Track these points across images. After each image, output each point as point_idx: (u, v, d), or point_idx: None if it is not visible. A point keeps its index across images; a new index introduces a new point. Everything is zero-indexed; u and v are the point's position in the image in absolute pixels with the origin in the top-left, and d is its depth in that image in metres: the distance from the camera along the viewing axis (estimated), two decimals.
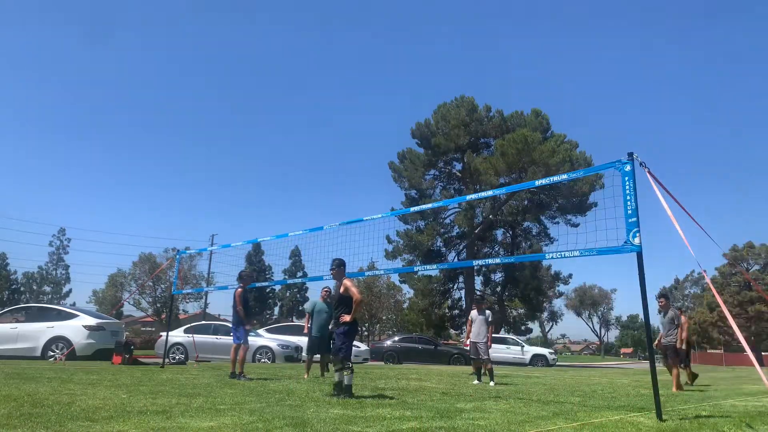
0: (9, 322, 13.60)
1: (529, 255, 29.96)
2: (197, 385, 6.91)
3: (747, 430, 4.24)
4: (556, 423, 4.35)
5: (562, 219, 31.83)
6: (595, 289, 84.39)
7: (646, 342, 5.18)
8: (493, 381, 8.91)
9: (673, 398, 7.22)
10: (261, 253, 49.82)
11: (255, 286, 11.55)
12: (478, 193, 17.14)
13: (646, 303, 4.69)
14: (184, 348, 15.38)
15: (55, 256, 48.50)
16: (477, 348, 9.23)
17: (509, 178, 29.21)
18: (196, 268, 47.52)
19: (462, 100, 32.70)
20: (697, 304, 60.15)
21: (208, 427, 3.70)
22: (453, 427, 3.95)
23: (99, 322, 13.56)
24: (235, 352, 8.67)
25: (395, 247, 32.06)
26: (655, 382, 4.69)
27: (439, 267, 31.33)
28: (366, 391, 6.82)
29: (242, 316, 8.72)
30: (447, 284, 34.84)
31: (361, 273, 11.54)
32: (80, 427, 3.59)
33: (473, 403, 5.69)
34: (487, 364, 9.18)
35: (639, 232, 4.74)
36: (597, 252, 5.08)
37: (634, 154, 4.96)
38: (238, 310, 8.69)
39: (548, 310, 70.09)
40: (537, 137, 28.54)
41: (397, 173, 33.26)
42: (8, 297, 45.18)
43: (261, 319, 49.06)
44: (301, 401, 5.47)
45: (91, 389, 6.01)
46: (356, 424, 3.99)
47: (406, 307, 40.93)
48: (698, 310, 55.42)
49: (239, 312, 8.67)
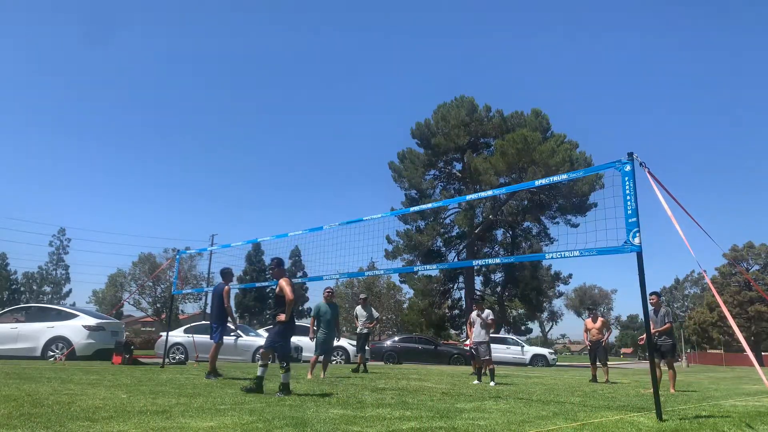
0: (9, 322, 13.60)
1: (529, 255, 29.98)
2: (197, 385, 6.91)
3: (747, 430, 4.24)
4: (556, 423, 4.35)
5: (562, 219, 31.85)
6: (595, 289, 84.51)
7: (646, 342, 5.18)
8: (493, 381, 8.91)
9: (673, 398, 7.23)
10: (261, 253, 49.85)
11: (255, 285, 11.59)
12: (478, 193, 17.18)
13: (646, 303, 4.70)
14: (184, 348, 15.38)
15: (55, 256, 48.49)
16: (478, 349, 9.25)
17: (509, 178, 29.23)
18: (196, 268, 47.61)
19: (462, 100, 32.72)
20: (697, 304, 60.20)
21: (208, 427, 3.70)
22: (453, 427, 3.95)
23: (99, 322, 13.55)
24: (216, 350, 8.67)
25: (395, 247, 32.07)
26: (655, 382, 4.70)
27: (439, 267, 31.35)
28: (366, 391, 6.82)
29: (230, 313, 8.72)
30: (447, 284, 34.86)
31: (361, 273, 11.55)
32: (80, 427, 3.59)
33: (473, 403, 5.69)
34: (489, 364, 9.19)
35: (639, 232, 4.74)
36: (597, 252, 5.08)
37: (634, 154, 4.96)
38: (227, 307, 8.62)
39: (548, 310, 70.14)
40: (537, 137, 28.55)
41: (397, 173, 33.27)
42: (8, 297, 45.16)
43: (261, 319, 49.08)
44: (301, 401, 5.47)
45: (91, 389, 6.01)
46: (356, 424, 3.99)
47: (406, 307, 40.93)
48: (698, 310, 55.45)
49: (228, 309, 8.64)
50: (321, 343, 9.37)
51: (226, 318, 8.68)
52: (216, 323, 8.76)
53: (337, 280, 40.39)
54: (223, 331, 8.65)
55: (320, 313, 9.46)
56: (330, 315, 9.42)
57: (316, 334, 9.44)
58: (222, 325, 8.66)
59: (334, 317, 9.52)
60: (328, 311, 9.45)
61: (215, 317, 8.77)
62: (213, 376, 8.22)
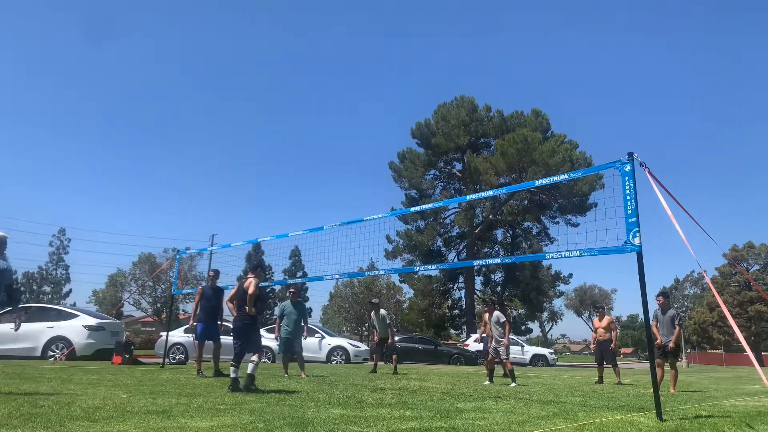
0: (9, 322, 13.59)
1: (529, 255, 29.95)
2: (197, 385, 6.91)
3: (747, 430, 4.24)
4: (557, 423, 4.35)
5: (562, 219, 31.85)
6: (595, 289, 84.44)
7: (646, 342, 5.17)
8: (514, 382, 8.87)
9: (673, 398, 7.22)
10: (261, 253, 49.76)
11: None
12: (478, 193, 17.17)
13: (646, 303, 4.69)
14: (184, 348, 15.37)
15: (55, 256, 48.39)
16: (497, 349, 9.19)
17: (509, 178, 29.23)
18: (196, 268, 47.56)
19: (462, 100, 32.71)
20: (697, 304, 60.18)
21: (208, 427, 3.70)
22: (453, 427, 3.95)
23: (99, 322, 13.56)
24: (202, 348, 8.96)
25: (395, 247, 32.07)
26: (655, 382, 4.70)
27: (439, 267, 31.38)
28: (366, 391, 6.82)
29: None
30: (447, 284, 34.84)
31: (362, 273, 11.56)
32: (80, 427, 3.58)
33: (473, 403, 5.69)
34: (507, 365, 9.14)
35: (639, 232, 4.74)
36: (597, 252, 5.08)
37: (634, 154, 4.96)
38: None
39: (548, 310, 70.05)
40: (537, 137, 28.54)
41: (397, 173, 33.27)
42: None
43: (261, 319, 49.03)
44: (301, 401, 5.47)
45: (91, 389, 6.01)
46: (356, 424, 3.99)
47: (406, 307, 40.92)
48: (698, 309, 55.43)
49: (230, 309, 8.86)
50: (283, 342, 9.43)
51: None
52: (210, 322, 9.13)
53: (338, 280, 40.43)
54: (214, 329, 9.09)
55: (284, 313, 9.51)
56: (295, 315, 9.47)
57: (280, 333, 9.52)
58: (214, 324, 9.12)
59: (299, 317, 9.56)
60: (293, 311, 9.50)
61: (211, 315, 9.14)
62: (202, 375, 8.54)
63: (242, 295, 6.49)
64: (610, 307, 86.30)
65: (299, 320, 9.58)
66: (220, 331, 9.36)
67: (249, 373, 6.16)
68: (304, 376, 9.08)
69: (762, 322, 47.45)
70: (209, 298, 9.05)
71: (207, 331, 8.97)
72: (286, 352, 9.51)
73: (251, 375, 6.16)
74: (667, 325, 8.58)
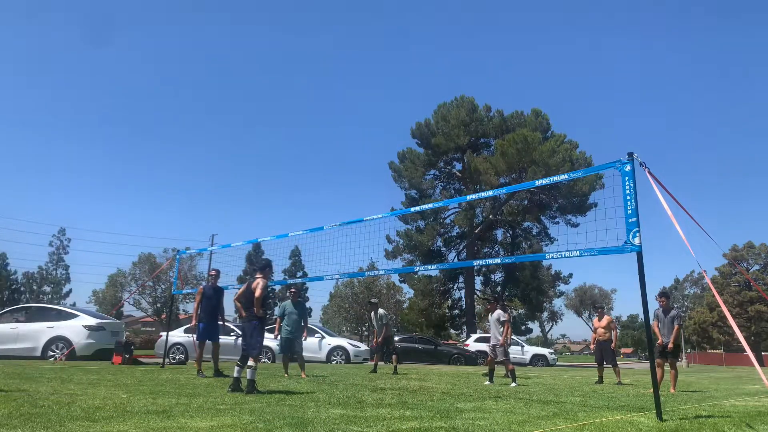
0: (9, 322, 13.60)
1: (529, 255, 29.95)
2: (197, 385, 6.91)
3: (747, 430, 4.24)
4: (557, 423, 4.35)
5: (562, 219, 31.83)
6: (595, 289, 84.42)
7: (646, 342, 5.18)
8: (514, 382, 8.85)
9: (673, 398, 7.22)
10: (261, 253, 49.74)
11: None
12: (478, 193, 17.18)
13: (646, 303, 4.69)
14: (184, 348, 15.36)
15: (55, 256, 48.38)
16: (494, 350, 9.16)
17: (509, 178, 29.21)
18: (196, 268, 47.53)
19: (462, 100, 32.70)
20: (697, 304, 60.16)
21: (208, 427, 3.70)
22: (453, 427, 3.95)
23: (99, 322, 13.56)
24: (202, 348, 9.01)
25: (395, 247, 32.05)
26: (655, 382, 4.70)
27: (439, 267, 31.35)
28: (366, 391, 6.82)
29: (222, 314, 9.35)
30: (447, 284, 34.83)
31: (362, 273, 11.56)
32: (80, 427, 3.58)
33: (473, 403, 5.69)
34: (507, 365, 9.11)
35: (639, 232, 4.74)
36: (597, 252, 5.08)
37: (634, 154, 4.96)
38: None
39: (548, 310, 70.08)
40: (537, 137, 28.53)
41: (397, 173, 33.26)
42: (8, 297, 45.12)
43: None
44: (301, 401, 5.47)
45: (91, 389, 6.01)
46: (356, 424, 3.99)
47: (406, 307, 40.91)
48: (698, 309, 55.42)
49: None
50: (284, 342, 9.44)
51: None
52: (212, 323, 9.15)
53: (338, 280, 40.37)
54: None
55: (285, 313, 9.52)
56: (296, 315, 9.48)
57: (281, 333, 9.53)
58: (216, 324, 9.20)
59: (300, 317, 9.56)
60: (293, 311, 9.50)
61: (212, 316, 9.16)
62: (202, 374, 8.57)
63: (249, 295, 6.45)
64: (609, 307, 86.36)
65: (300, 320, 9.58)
66: (220, 330, 9.37)
67: (249, 379, 6.12)
68: (304, 376, 9.08)
69: (762, 322, 47.43)
70: (210, 298, 9.04)
71: (208, 330, 8.96)
72: (287, 352, 9.52)
73: (251, 380, 6.12)
74: (668, 325, 8.56)
